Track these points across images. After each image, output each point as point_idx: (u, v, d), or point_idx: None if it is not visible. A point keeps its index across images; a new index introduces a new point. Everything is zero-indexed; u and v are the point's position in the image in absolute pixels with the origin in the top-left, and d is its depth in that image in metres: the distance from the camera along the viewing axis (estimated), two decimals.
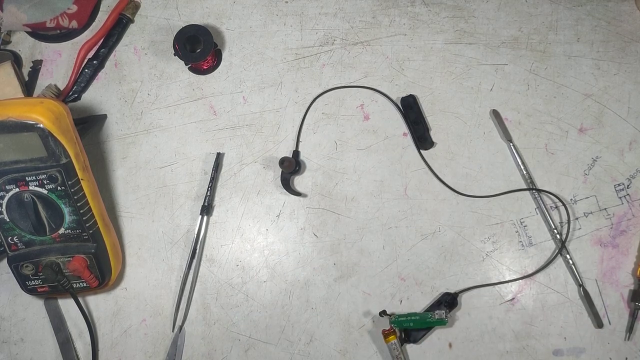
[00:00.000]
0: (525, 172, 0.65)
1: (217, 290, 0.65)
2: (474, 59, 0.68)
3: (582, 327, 0.62)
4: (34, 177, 0.55)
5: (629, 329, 0.62)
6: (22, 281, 0.60)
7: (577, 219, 0.64)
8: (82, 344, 0.65)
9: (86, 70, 0.69)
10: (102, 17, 0.71)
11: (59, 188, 0.56)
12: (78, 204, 0.57)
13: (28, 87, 0.69)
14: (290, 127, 0.68)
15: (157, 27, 0.71)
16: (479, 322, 0.63)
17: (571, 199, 0.65)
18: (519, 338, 0.62)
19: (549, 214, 0.64)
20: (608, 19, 0.68)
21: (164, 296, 0.65)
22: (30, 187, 0.56)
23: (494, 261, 0.64)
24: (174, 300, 0.64)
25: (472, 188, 0.66)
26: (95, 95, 0.69)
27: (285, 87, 0.69)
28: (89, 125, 0.67)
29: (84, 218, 0.58)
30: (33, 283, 0.60)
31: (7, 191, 0.56)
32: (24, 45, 0.71)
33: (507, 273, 0.64)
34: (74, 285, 0.61)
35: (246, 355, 0.63)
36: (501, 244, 0.64)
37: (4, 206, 0.57)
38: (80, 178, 0.57)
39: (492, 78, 0.68)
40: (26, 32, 0.69)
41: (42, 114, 0.53)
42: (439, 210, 0.65)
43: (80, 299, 0.61)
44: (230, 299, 0.65)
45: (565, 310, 0.63)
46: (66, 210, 0.57)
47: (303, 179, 0.67)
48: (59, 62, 0.70)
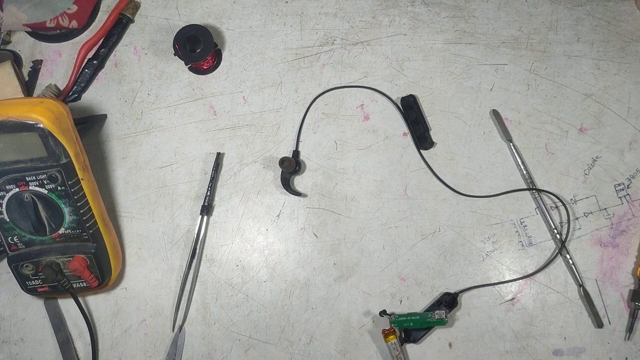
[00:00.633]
0: (525, 172, 0.65)
1: (217, 290, 0.65)
2: (474, 59, 0.68)
3: (582, 327, 0.62)
4: (34, 177, 0.55)
5: (629, 329, 0.62)
6: (22, 281, 0.60)
7: (577, 218, 0.64)
8: (82, 344, 0.65)
9: (86, 70, 0.69)
10: (102, 17, 0.71)
11: (59, 188, 0.56)
12: (78, 204, 0.57)
13: (28, 87, 0.69)
14: (290, 127, 0.68)
15: (157, 27, 0.71)
16: (479, 322, 0.63)
17: (571, 199, 0.65)
18: (519, 338, 0.62)
19: (549, 214, 0.64)
20: (608, 19, 0.68)
21: (164, 296, 0.65)
22: (31, 187, 0.56)
23: (494, 261, 0.64)
24: (174, 300, 0.65)
25: (472, 188, 0.66)
26: (95, 95, 0.69)
27: (285, 87, 0.69)
28: (89, 125, 0.67)
29: (84, 218, 0.58)
30: (33, 283, 0.60)
31: (7, 191, 0.56)
32: (24, 45, 0.71)
33: (507, 273, 0.64)
34: (74, 285, 0.61)
35: (246, 355, 0.63)
36: (501, 244, 0.64)
37: (4, 206, 0.57)
38: (80, 178, 0.57)
39: (492, 78, 0.68)
40: (26, 32, 0.70)
41: (42, 114, 0.53)
42: (439, 210, 0.65)
43: (80, 299, 0.61)
44: (230, 299, 0.65)
45: (565, 310, 0.63)
46: (66, 210, 0.57)
47: (303, 179, 0.67)
48: (59, 62, 0.70)
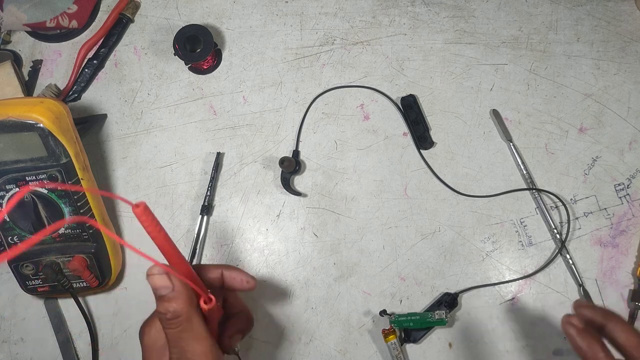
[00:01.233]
0: (525, 172, 0.65)
1: None
2: (474, 59, 0.68)
3: None
4: (34, 177, 0.55)
5: None
6: (22, 281, 0.60)
7: (577, 218, 0.64)
8: (82, 344, 0.64)
9: (86, 70, 0.69)
10: (102, 17, 0.71)
11: (59, 188, 0.56)
12: (78, 204, 0.57)
13: (28, 87, 0.69)
14: (290, 127, 0.68)
15: (157, 27, 0.71)
16: (479, 322, 0.63)
17: (571, 199, 0.65)
18: (519, 338, 0.62)
19: (549, 214, 0.64)
20: (608, 19, 0.68)
21: None
22: (30, 187, 0.56)
23: (494, 261, 0.64)
24: None
25: (472, 188, 0.66)
26: (95, 95, 0.69)
27: (285, 87, 0.69)
28: (89, 125, 0.67)
29: None
30: (33, 283, 0.60)
31: (7, 191, 0.56)
32: (24, 45, 0.71)
33: (507, 273, 0.64)
34: (74, 285, 0.61)
35: (246, 355, 0.63)
36: (501, 244, 0.64)
37: (4, 206, 0.57)
38: (80, 178, 0.57)
39: (492, 78, 0.68)
40: (26, 32, 0.70)
41: (42, 113, 0.53)
42: (439, 210, 0.65)
43: (80, 299, 0.61)
44: None
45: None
46: (66, 210, 0.57)
47: (303, 178, 0.67)
48: (59, 62, 0.70)
